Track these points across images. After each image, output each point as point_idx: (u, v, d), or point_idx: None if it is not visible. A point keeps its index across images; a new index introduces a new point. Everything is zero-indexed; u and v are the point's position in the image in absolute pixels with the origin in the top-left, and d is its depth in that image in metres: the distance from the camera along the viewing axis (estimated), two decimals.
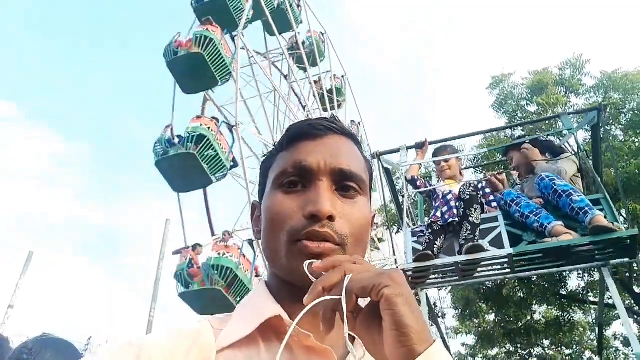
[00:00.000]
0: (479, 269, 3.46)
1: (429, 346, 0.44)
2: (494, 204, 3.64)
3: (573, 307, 9.28)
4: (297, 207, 0.60)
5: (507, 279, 8.21)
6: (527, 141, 3.83)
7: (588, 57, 8.14)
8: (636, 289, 8.11)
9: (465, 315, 9.79)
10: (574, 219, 3.15)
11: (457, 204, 3.58)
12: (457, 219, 3.53)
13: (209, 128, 10.68)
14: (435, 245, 3.52)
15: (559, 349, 10.25)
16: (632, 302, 8.13)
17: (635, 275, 7.73)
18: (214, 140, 10.50)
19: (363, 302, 0.51)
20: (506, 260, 3.33)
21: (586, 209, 3.09)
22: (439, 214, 3.64)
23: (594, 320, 8.88)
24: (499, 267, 3.49)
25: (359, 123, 18.97)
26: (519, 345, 10.13)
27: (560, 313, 9.35)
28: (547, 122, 7.02)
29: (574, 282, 9.00)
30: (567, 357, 10.50)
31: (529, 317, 9.37)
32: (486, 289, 8.81)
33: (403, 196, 3.91)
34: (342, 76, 18.78)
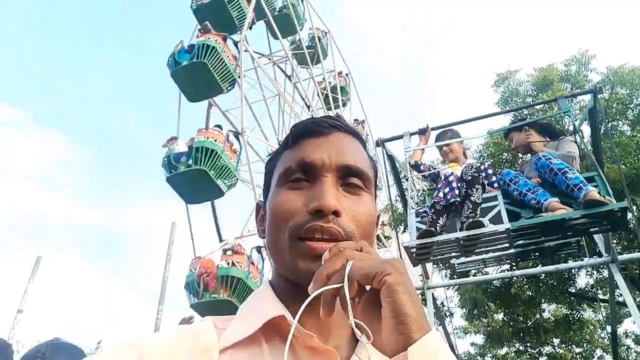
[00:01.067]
0: (479, 245, 3.60)
1: (425, 334, 0.46)
2: (496, 185, 3.79)
3: (582, 305, 9.22)
4: (301, 204, 0.60)
5: (514, 278, 8.26)
6: (528, 124, 3.97)
7: (594, 53, 8.10)
8: None
9: (474, 315, 9.80)
10: (569, 195, 3.29)
11: (459, 184, 3.74)
12: (458, 199, 3.68)
13: (215, 140, 10.82)
14: (438, 224, 3.67)
15: (569, 347, 10.18)
16: None
17: None
18: (221, 152, 10.67)
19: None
20: (505, 235, 3.47)
21: (580, 185, 3.23)
22: (441, 194, 3.80)
23: (604, 318, 8.83)
24: (499, 242, 3.62)
25: (362, 121, 18.67)
26: (528, 344, 10.09)
27: (570, 311, 9.30)
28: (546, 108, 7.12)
29: (583, 279, 8.97)
30: (578, 356, 10.42)
31: (538, 316, 9.31)
32: (494, 288, 8.84)
33: (407, 180, 4.08)
34: (347, 74, 18.49)
